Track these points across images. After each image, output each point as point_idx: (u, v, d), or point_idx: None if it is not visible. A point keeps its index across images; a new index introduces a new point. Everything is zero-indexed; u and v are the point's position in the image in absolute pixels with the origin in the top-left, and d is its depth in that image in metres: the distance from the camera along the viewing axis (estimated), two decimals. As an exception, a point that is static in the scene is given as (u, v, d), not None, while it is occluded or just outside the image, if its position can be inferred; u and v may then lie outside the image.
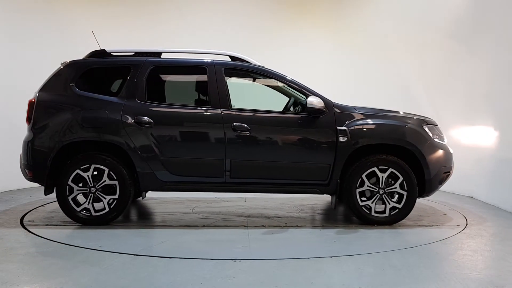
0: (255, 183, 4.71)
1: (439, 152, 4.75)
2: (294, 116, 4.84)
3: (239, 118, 4.62)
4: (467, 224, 4.89)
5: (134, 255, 3.64)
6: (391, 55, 8.12)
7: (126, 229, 4.61)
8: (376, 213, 4.68)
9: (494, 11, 6.20)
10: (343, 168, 4.64)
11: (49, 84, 4.74)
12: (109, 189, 4.61)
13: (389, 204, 4.66)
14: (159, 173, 4.62)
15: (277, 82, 4.97)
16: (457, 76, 7.02)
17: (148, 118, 4.58)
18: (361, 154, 4.67)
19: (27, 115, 4.68)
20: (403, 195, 4.64)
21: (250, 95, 6.00)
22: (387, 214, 4.67)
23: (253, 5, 8.97)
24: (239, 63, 4.93)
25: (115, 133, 4.56)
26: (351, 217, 5.07)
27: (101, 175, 4.58)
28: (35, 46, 7.52)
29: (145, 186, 4.69)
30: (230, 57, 4.97)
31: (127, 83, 4.72)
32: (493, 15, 6.21)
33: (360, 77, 8.62)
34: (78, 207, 4.60)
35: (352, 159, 4.66)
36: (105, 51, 4.92)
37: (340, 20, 8.91)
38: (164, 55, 4.97)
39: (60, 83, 4.73)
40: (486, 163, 6.37)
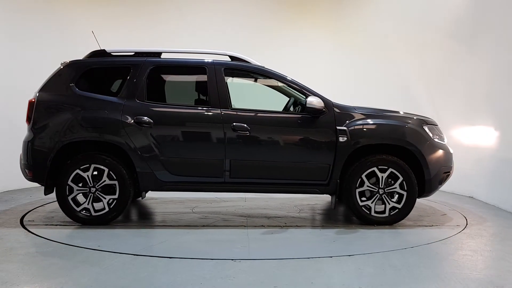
0: (255, 183, 4.71)
1: (439, 152, 4.75)
2: (294, 116, 4.84)
3: (239, 118, 4.62)
4: (467, 224, 4.89)
5: (134, 255, 3.64)
6: (391, 55, 8.12)
7: (126, 229, 4.61)
8: (376, 213, 4.68)
9: (494, 11, 6.20)
10: (342, 168, 4.64)
11: (49, 84, 4.75)
12: (109, 189, 4.61)
13: (389, 204, 4.66)
14: (159, 173, 4.62)
15: (277, 82, 4.97)
16: (457, 76, 7.02)
17: (147, 118, 4.58)
18: (361, 154, 4.67)
19: (27, 115, 4.69)
20: (403, 195, 4.64)
21: (250, 95, 6.00)
22: (387, 214, 4.67)
23: (253, 5, 8.97)
24: (239, 63, 4.93)
25: (115, 133, 4.57)
26: (351, 217, 5.07)
27: (101, 175, 4.58)
28: (35, 46, 7.52)
29: (145, 186, 4.69)
30: (230, 57, 4.97)
31: (127, 83, 4.72)
32: (493, 15, 6.21)
33: (360, 77, 8.61)
34: (78, 207, 4.60)
35: (352, 159, 4.66)
36: (105, 51, 4.93)
37: (340, 20, 8.91)
38: (164, 55, 4.98)
39: (60, 83, 4.73)
40: (486, 163, 6.37)
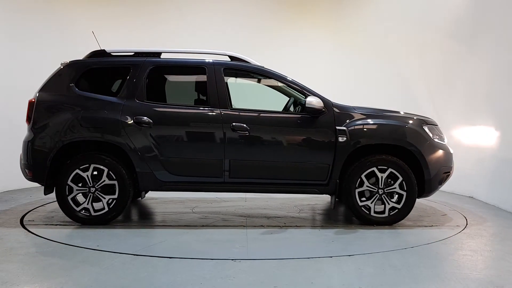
0: (254, 183, 4.71)
1: (439, 152, 4.74)
2: (293, 116, 4.84)
3: (238, 118, 4.62)
4: (467, 224, 4.89)
5: (134, 255, 3.64)
6: (391, 55, 8.12)
7: (125, 228, 4.61)
8: (375, 213, 4.68)
9: (494, 11, 6.20)
10: (342, 168, 4.63)
11: (49, 84, 4.75)
12: (108, 189, 4.61)
13: (389, 204, 4.65)
14: (159, 173, 4.62)
15: (276, 82, 4.97)
16: (457, 76, 7.02)
17: (147, 118, 4.58)
18: (360, 154, 4.66)
19: (27, 115, 4.69)
20: (403, 195, 4.64)
21: (249, 95, 6.00)
22: (386, 214, 4.67)
23: (253, 5, 8.97)
24: (239, 63, 4.92)
25: (115, 133, 4.57)
26: (351, 217, 5.07)
27: (100, 175, 4.58)
28: (35, 46, 7.52)
29: (145, 186, 4.69)
30: (229, 57, 4.97)
31: (126, 83, 4.72)
32: (493, 15, 6.21)
33: (360, 77, 8.61)
34: (77, 207, 4.60)
35: (351, 159, 4.65)
36: (105, 51, 4.93)
37: (340, 20, 8.91)
38: (163, 55, 4.98)
39: (60, 83, 4.74)
40: (486, 163, 6.36)
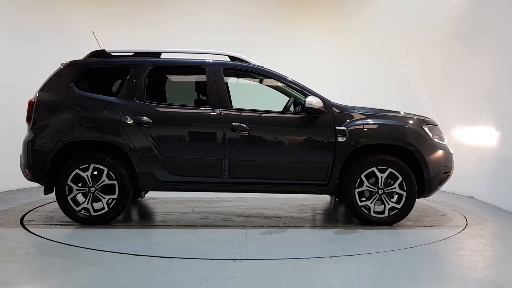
0: (254, 183, 4.70)
1: (439, 152, 4.74)
2: (293, 116, 4.84)
3: (238, 118, 4.62)
4: (467, 224, 4.89)
5: (134, 255, 3.64)
6: (391, 55, 8.11)
7: (125, 228, 4.61)
8: (375, 213, 4.68)
9: (494, 11, 6.20)
10: (342, 168, 4.63)
11: (49, 84, 4.76)
12: (108, 189, 4.61)
13: (388, 204, 4.65)
14: (158, 173, 4.62)
15: (276, 82, 4.97)
16: (458, 76, 7.02)
17: (147, 118, 4.58)
18: (360, 154, 4.66)
19: (27, 115, 4.69)
20: (402, 195, 4.64)
21: (249, 95, 6.00)
22: (386, 214, 4.66)
23: (253, 5, 8.97)
24: (238, 63, 4.92)
25: (114, 133, 4.57)
26: (351, 217, 5.06)
27: (100, 175, 4.58)
28: (35, 46, 7.52)
29: (144, 186, 4.69)
30: (229, 57, 4.97)
31: (126, 83, 4.72)
32: (493, 15, 6.21)
33: (360, 77, 8.61)
34: (77, 206, 4.60)
35: (351, 159, 4.65)
36: (105, 51, 4.93)
37: (340, 20, 8.91)
38: (163, 55, 4.98)
39: (60, 83, 4.74)
40: (486, 163, 6.36)
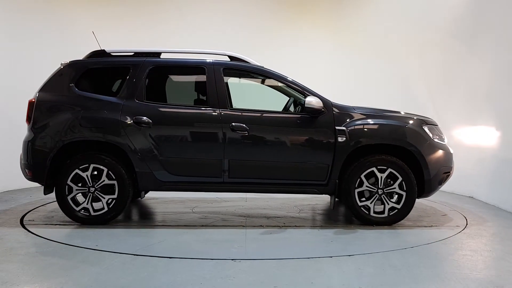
0: (254, 183, 4.70)
1: (439, 152, 4.74)
2: (292, 116, 4.84)
3: (238, 118, 4.62)
4: (467, 224, 4.89)
5: (134, 255, 3.64)
6: (391, 55, 8.11)
7: (125, 228, 4.61)
8: (375, 213, 4.67)
9: (494, 11, 6.20)
10: (341, 168, 4.63)
11: (49, 84, 4.76)
12: (108, 189, 4.61)
13: (388, 204, 4.65)
14: (158, 173, 4.62)
15: (276, 82, 4.97)
16: (458, 76, 7.02)
17: (147, 118, 4.58)
18: (360, 154, 4.66)
19: (27, 115, 4.70)
20: (402, 195, 4.63)
21: (249, 95, 6.00)
22: (386, 214, 4.66)
23: (253, 5, 8.97)
24: (238, 63, 4.92)
25: (114, 133, 4.57)
26: (351, 217, 5.06)
27: (100, 175, 4.58)
28: (35, 46, 7.52)
29: (144, 186, 4.69)
30: (229, 57, 4.97)
31: (126, 83, 4.72)
32: (493, 15, 6.21)
33: (360, 77, 8.61)
34: (77, 206, 4.61)
35: (351, 159, 4.65)
36: (105, 51, 4.93)
37: (340, 20, 8.91)
38: (163, 55, 4.98)
39: (60, 83, 4.74)
40: (486, 163, 6.36)
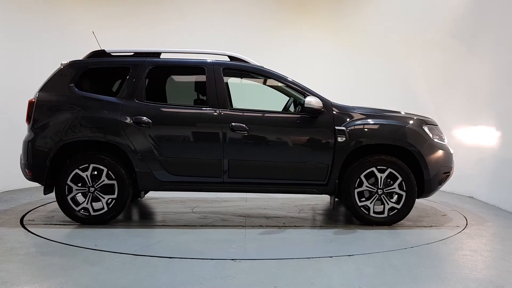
0: (253, 183, 4.70)
1: (439, 152, 4.73)
2: (292, 116, 4.84)
3: (237, 118, 4.62)
4: (467, 224, 4.89)
5: (134, 255, 3.64)
6: (391, 55, 8.11)
7: (124, 228, 4.61)
8: (374, 213, 4.67)
9: (494, 11, 6.20)
10: (341, 168, 4.62)
11: (49, 84, 4.76)
12: (107, 189, 4.61)
13: (388, 204, 4.65)
14: (158, 173, 4.62)
15: (275, 82, 4.96)
16: (458, 76, 7.02)
17: (146, 118, 4.58)
18: (359, 154, 4.66)
19: (27, 115, 4.70)
20: (402, 195, 4.63)
21: (248, 95, 6.00)
22: (386, 214, 4.66)
23: (253, 5, 8.96)
24: (238, 63, 4.92)
25: (114, 133, 4.57)
26: (351, 217, 5.05)
27: (100, 175, 4.58)
28: (35, 46, 7.52)
29: (144, 186, 4.69)
30: (229, 57, 4.97)
31: (126, 83, 4.72)
32: (493, 15, 6.21)
33: (360, 77, 8.61)
34: (77, 206, 4.61)
35: (350, 159, 4.65)
36: (105, 51, 4.93)
37: (340, 20, 8.91)
38: (163, 55, 4.98)
39: (60, 83, 4.74)
40: (487, 163, 6.36)
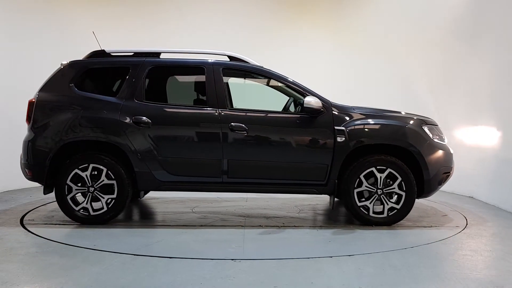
0: (253, 183, 4.70)
1: (439, 152, 4.73)
2: (292, 116, 4.84)
3: (237, 118, 4.62)
4: (467, 224, 4.89)
5: (133, 255, 3.64)
6: (391, 55, 8.11)
7: (123, 228, 4.62)
8: (374, 213, 4.67)
9: (494, 11, 6.20)
10: (341, 168, 4.62)
11: (49, 84, 4.76)
12: (107, 189, 4.61)
13: (388, 204, 4.64)
14: (157, 173, 4.62)
15: (275, 82, 4.96)
16: (458, 76, 7.01)
17: (146, 118, 4.58)
18: (359, 154, 4.66)
19: (27, 115, 4.70)
20: (402, 195, 4.63)
21: (248, 95, 5.99)
22: (385, 214, 4.65)
23: (253, 5, 8.96)
24: (238, 63, 4.92)
25: (113, 133, 4.57)
26: (351, 218, 5.05)
27: (99, 175, 4.59)
28: (35, 46, 7.52)
29: (143, 186, 4.69)
30: (228, 57, 4.97)
31: (125, 83, 4.72)
32: (493, 15, 6.21)
33: (360, 77, 8.61)
34: (76, 206, 4.61)
35: (350, 159, 4.64)
36: (105, 51, 4.93)
37: (340, 20, 8.91)
38: (163, 55, 4.98)
39: (60, 83, 4.74)
40: (486, 163, 6.36)
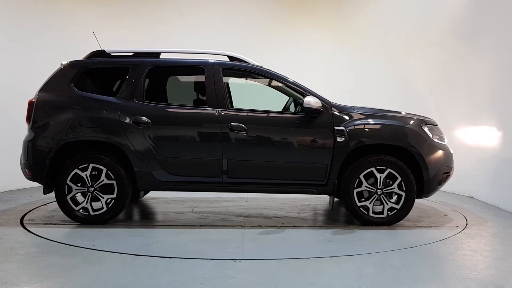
0: (253, 183, 4.70)
1: (439, 152, 4.73)
2: (291, 116, 4.84)
3: (237, 118, 4.62)
4: (467, 224, 4.88)
5: (133, 255, 3.64)
6: (391, 55, 8.11)
7: (123, 228, 4.62)
8: (374, 213, 4.66)
9: (494, 11, 6.20)
10: (340, 168, 4.62)
11: (49, 84, 4.76)
12: (107, 189, 4.61)
13: (387, 204, 4.64)
14: (157, 173, 4.62)
15: (275, 82, 4.96)
16: (458, 76, 7.01)
17: (146, 118, 4.58)
18: (359, 154, 4.65)
19: (27, 114, 4.71)
20: (402, 195, 4.62)
21: (248, 95, 5.99)
22: (385, 214, 4.65)
23: (253, 5, 8.96)
24: (237, 63, 4.92)
25: (113, 133, 4.57)
26: (351, 218, 5.04)
27: (99, 175, 4.59)
28: (35, 46, 7.52)
29: (143, 185, 4.69)
30: (228, 57, 4.97)
31: (125, 83, 4.72)
32: (493, 15, 6.21)
33: (360, 77, 8.61)
34: (76, 206, 4.61)
35: (350, 159, 4.64)
36: (105, 51, 4.93)
37: (340, 20, 8.91)
38: (163, 55, 4.98)
39: (60, 83, 4.74)
40: (487, 163, 6.35)
